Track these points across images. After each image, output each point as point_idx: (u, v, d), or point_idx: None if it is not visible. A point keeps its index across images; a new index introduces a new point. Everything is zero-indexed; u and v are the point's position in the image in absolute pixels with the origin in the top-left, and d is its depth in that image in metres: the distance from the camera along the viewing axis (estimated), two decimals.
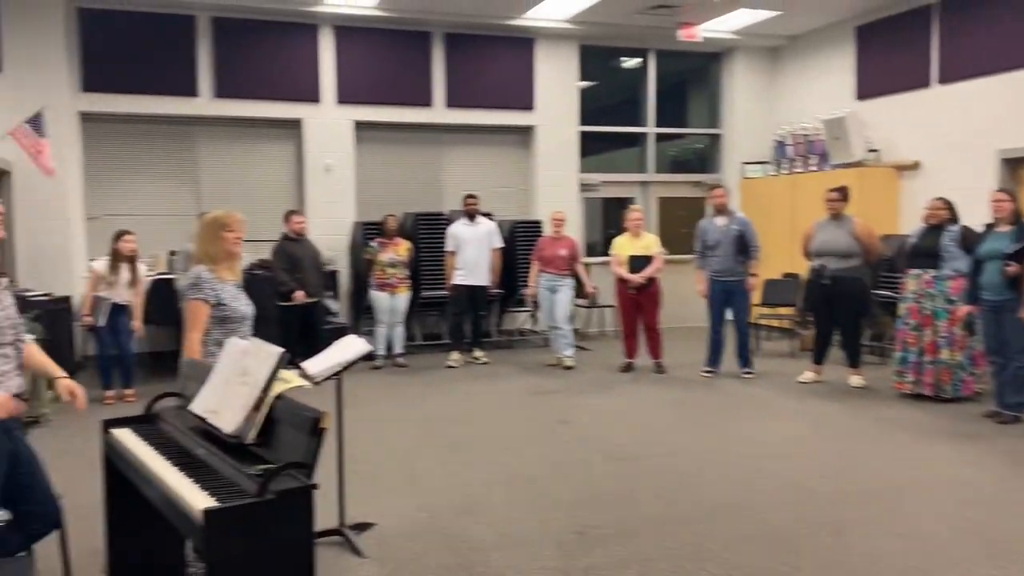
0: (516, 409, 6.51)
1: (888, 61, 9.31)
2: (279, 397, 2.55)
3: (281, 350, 2.57)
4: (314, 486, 2.25)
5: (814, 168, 9.93)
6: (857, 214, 8.01)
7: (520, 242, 9.39)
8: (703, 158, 11.60)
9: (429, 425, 6.03)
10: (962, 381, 6.36)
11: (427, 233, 9.01)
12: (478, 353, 8.57)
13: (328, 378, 3.71)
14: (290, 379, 2.61)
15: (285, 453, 2.39)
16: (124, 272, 6.81)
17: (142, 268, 7.01)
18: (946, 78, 8.64)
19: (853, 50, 9.78)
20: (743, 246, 7.37)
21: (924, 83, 8.86)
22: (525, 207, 10.45)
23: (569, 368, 8.06)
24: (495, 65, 10.04)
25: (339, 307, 8.35)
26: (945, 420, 5.88)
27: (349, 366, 3.80)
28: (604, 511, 4.17)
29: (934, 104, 8.77)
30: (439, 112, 9.88)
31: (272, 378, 2.54)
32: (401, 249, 8.29)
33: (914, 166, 8.99)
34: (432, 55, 9.79)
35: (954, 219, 6.40)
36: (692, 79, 11.76)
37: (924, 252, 6.40)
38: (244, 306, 3.50)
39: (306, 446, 2.31)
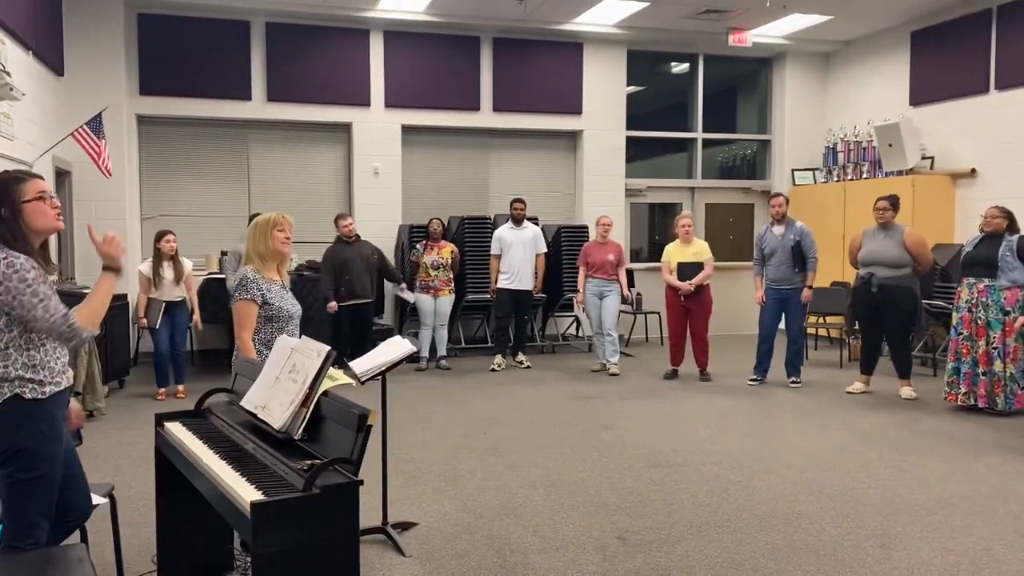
0: (559, 413, 6.51)
1: (944, 67, 9.12)
2: (326, 394, 2.60)
3: (329, 348, 2.61)
4: (360, 482, 2.28)
5: (866, 175, 9.76)
6: (911, 223, 7.87)
7: (566, 246, 9.40)
8: (752, 164, 11.48)
9: (472, 427, 6.06)
10: (1015, 394, 6.19)
11: (473, 237, 9.06)
12: (521, 357, 8.59)
13: (373, 377, 3.76)
14: (337, 377, 2.66)
15: (332, 449, 2.43)
16: (168, 271, 6.98)
17: (187, 264, 7.15)
18: (1004, 84, 8.43)
19: (907, 55, 9.60)
20: (800, 256, 7.28)
21: (981, 89, 8.67)
22: (571, 212, 10.46)
23: (614, 375, 8.03)
24: (542, 69, 10.07)
25: (412, 297, 8.39)
26: (997, 433, 5.74)
27: (394, 366, 3.84)
28: (646, 517, 4.15)
29: (991, 110, 8.57)
30: (486, 116, 9.94)
31: (320, 375, 2.59)
32: (445, 252, 8.35)
33: (970, 174, 8.79)
34: (480, 59, 9.86)
35: (1012, 228, 6.24)
36: (741, 84, 11.65)
37: (980, 261, 6.25)
38: (291, 305, 3.56)
39: (352, 442, 2.35)
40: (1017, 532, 3.93)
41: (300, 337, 2.93)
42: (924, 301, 7.82)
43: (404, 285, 8.52)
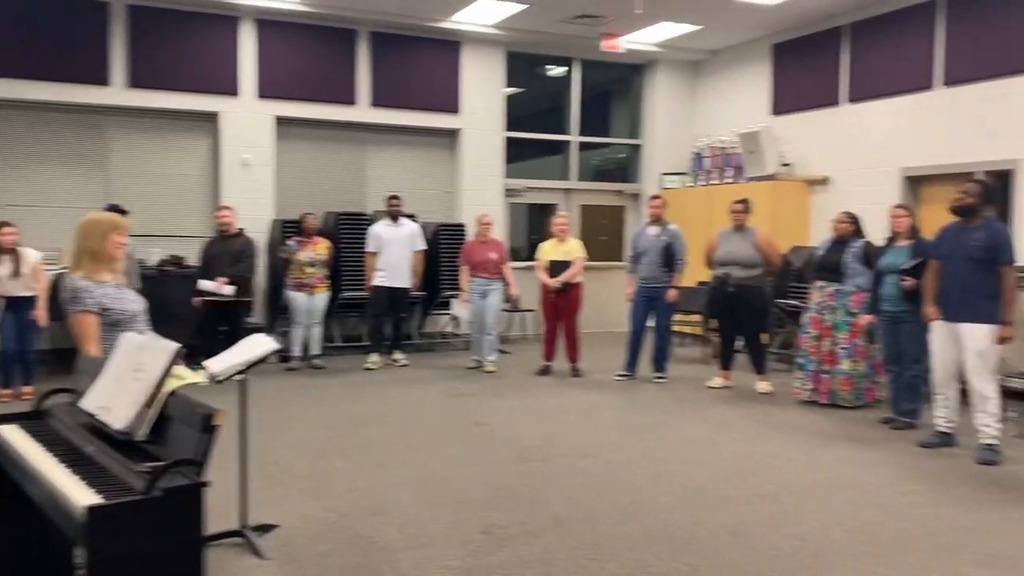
0: (432, 411, 6.50)
1: (802, 79, 9.66)
2: (173, 394, 2.50)
3: (176, 345, 2.52)
4: (204, 484, 2.21)
5: (730, 180, 10.22)
6: (770, 226, 8.30)
7: (444, 245, 9.39)
8: (624, 168, 11.81)
9: (343, 427, 5.97)
10: (865, 389, 6.63)
11: (348, 233, 8.92)
12: (398, 356, 8.53)
13: (232, 377, 3.65)
14: (185, 375, 2.57)
15: (176, 450, 2.34)
16: (6, 265, 6.54)
17: (31, 256, 6.69)
18: (855, 97, 9.01)
19: (769, 67, 10.11)
20: (670, 257, 7.54)
21: (834, 101, 9.23)
22: (449, 210, 10.46)
23: (491, 372, 8.09)
24: (421, 67, 10.03)
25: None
26: (844, 426, 6.13)
27: (254, 364, 3.74)
28: (512, 511, 4.21)
29: (843, 122, 9.14)
30: (363, 111, 9.81)
31: (166, 374, 2.49)
32: (320, 248, 8.19)
33: (824, 181, 9.34)
34: (357, 53, 9.72)
35: (859, 233, 6.67)
36: (615, 90, 11.97)
37: (828, 266, 6.66)
38: (130, 303, 3.40)
39: (197, 443, 2.27)
40: (854, 517, 4.21)
41: (147, 334, 2.81)
42: (781, 300, 8.27)
43: (222, 282, 7.55)
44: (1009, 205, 7.45)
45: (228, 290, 7.49)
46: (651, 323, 7.75)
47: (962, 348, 5.24)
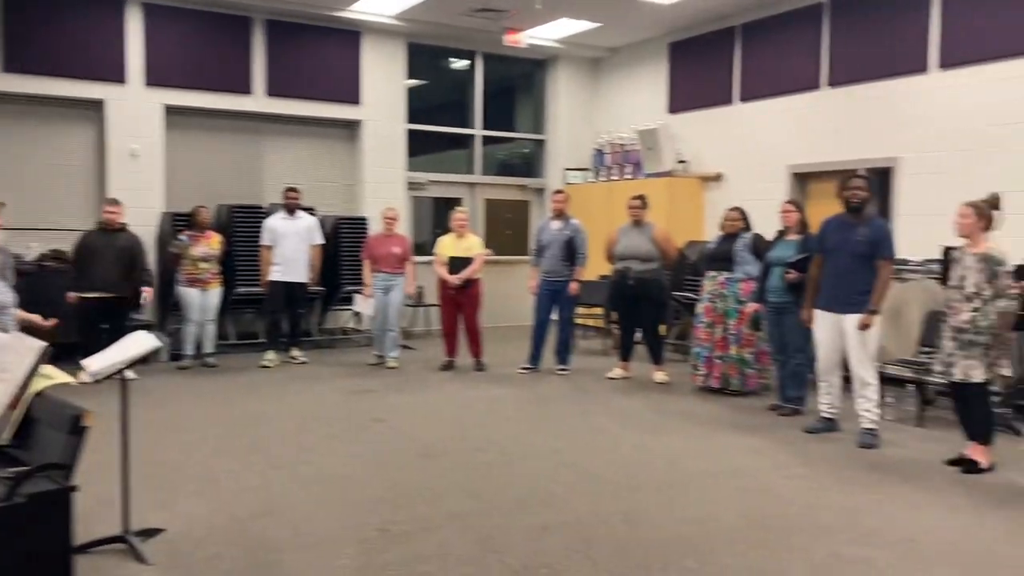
0: (331, 408, 6.39)
1: (697, 78, 9.92)
2: (40, 395, 2.37)
3: (42, 344, 2.38)
4: (72, 488, 2.10)
5: (629, 176, 10.41)
6: (667, 222, 8.50)
7: (345, 239, 9.24)
8: (529, 163, 11.88)
9: (236, 427, 5.80)
10: (747, 376, 6.88)
11: (243, 226, 8.66)
12: (296, 352, 8.34)
13: (112, 375, 3.48)
14: (53, 375, 2.43)
15: (43, 454, 2.22)
16: None
17: None
18: (746, 96, 9.32)
19: (666, 65, 10.34)
20: (572, 251, 7.62)
21: (728, 100, 9.52)
22: (351, 203, 10.29)
23: (393, 368, 8.01)
24: (320, 56, 9.82)
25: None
26: (734, 413, 6.34)
27: (136, 363, 3.58)
28: (409, 507, 4.17)
29: (735, 120, 9.44)
30: (259, 101, 9.53)
31: (32, 374, 2.35)
32: (213, 243, 7.92)
33: (717, 177, 9.63)
34: (252, 41, 9.44)
35: (747, 227, 6.91)
36: (519, 85, 12.02)
37: (720, 257, 6.88)
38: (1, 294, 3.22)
39: (65, 446, 2.16)
40: (742, 501, 4.35)
41: (11, 331, 2.65)
42: (677, 292, 8.49)
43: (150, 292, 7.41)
44: (889, 201, 7.85)
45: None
46: (555, 316, 7.83)
47: (845, 337, 5.49)
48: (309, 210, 8.64)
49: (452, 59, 11.21)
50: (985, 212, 4.82)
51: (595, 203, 10.44)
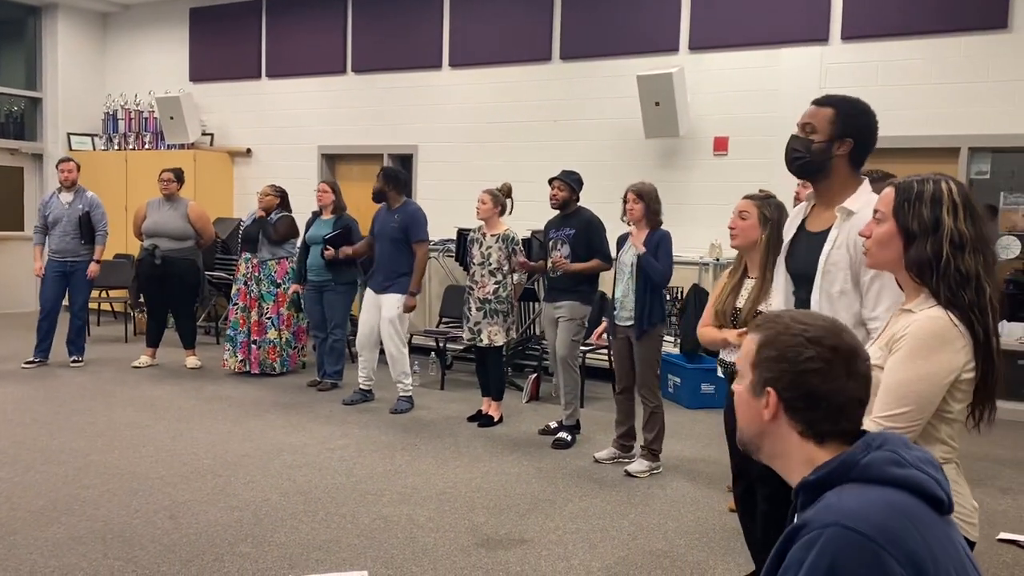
0: None
1: (222, 48, 9.53)
2: None
3: None
4: None
5: (148, 146, 9.63)
6: (194, 196, 8.09)
7: None
8: (19, 123, 10.22)
9: None
10: (289, 356, 6.92)
11: None
12: None
13: None
14: None
15: None
16: None
17: None
18: (273, 73, 9.24)
19: (187, 31, 9.74)
20: (89, 227, 6.78)
21: (256, 75, 9.33)
22: None
23: None
24: None
25: None
26: (274, 393, 6.31)
27: None
28: None
29: (264, 96, 9.31)
30: None
31: None
32: None
33: (247, 153, 9.41)
34: None
35: (285, 206, 6.88)
36: (7, 33, 10.25)
37: (253, 237, 6.75)
38: None
39: None
40: (290, 479, 4.38)
41: None
42: (207, 273, 8.12)
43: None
44: (412, 183, 8.49)
45: None
46: (66, 301, 6.92)
47: (381, 315, 5.83)
48: None
49: None
50: (500, 199, 5.53)
51: (108, 173, 9.45)
